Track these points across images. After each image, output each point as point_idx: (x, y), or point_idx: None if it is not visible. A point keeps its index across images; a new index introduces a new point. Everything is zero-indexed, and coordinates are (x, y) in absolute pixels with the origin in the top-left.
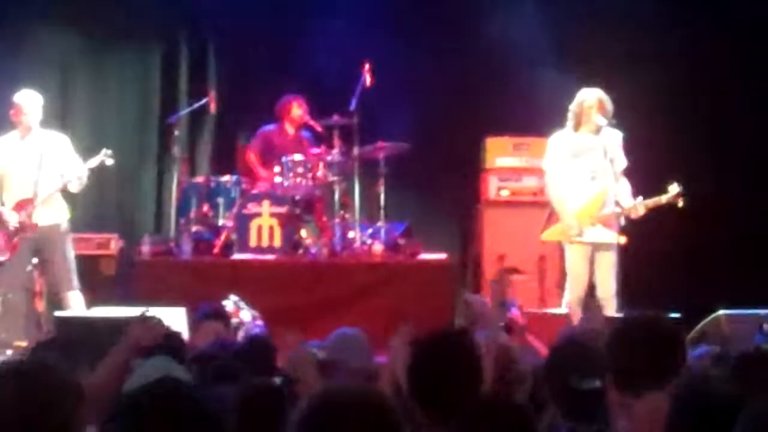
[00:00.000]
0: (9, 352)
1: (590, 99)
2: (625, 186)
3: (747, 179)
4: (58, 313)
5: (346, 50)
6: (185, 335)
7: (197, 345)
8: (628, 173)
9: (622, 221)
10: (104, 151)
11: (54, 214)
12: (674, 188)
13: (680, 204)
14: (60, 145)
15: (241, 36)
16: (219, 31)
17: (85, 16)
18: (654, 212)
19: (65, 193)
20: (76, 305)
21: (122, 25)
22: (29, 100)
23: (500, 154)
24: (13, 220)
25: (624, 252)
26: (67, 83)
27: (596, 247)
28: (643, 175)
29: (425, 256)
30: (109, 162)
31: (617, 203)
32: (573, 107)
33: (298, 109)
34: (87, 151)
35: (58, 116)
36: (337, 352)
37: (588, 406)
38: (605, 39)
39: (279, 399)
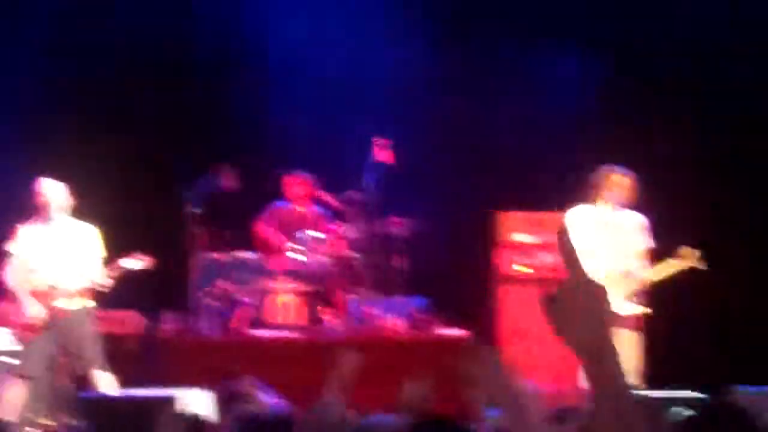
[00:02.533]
0: (31, 430)
1: (609, 177)
2: (644, 264)
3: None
4: (82, 395)
5: (361, 127)
6: (213, 417)
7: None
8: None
9: (640, 296)
10: (144, 257)
11: (77, 298)
12: (685, 252)
13: (699, 265)
14: (86, 235)
15: (256, 112)
16: (233, 105)
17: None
18: (673, 281)
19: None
20: (105, 385)
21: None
22: (47, 187)
23: (513, 229)
24: (34, 312)
25: (647, 327)
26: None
27: (619, 325)
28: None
29: (444, 330)
30: (148, 267)
31: (633, 277)
32: (592, 183)
33: (294, 188)
34: (111, 231)
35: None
36: None
37: None
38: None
39: None
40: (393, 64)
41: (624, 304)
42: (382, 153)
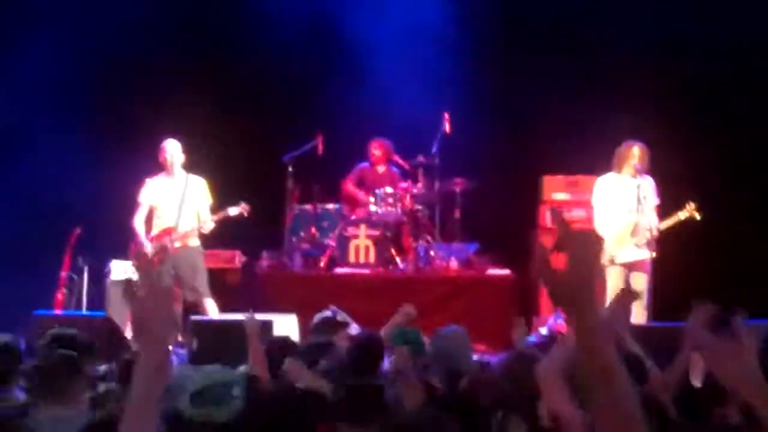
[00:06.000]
0: None
1: (630, 150)
2: (654, 218)
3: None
4: (193, 318)
5: (428, 101)
6: (296, 338)
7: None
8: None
9: (653, 245)
10: (243, 204)
11: (190, 239)
12: (689, 206)
13: (698, 217)
14: (198, 186)
15: (343, 90)
16: (323, 87)
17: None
18: (678, 230)
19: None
20: (211, 311)
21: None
22: (170, 146)
23: (554, 189)
24: (149, 249)
25: (655, 272)
26: (208, 134)
27: (631, 268)
28: (670, 200)
29: (493, 271)
30: (245, 214)
31: (645, 228)
32: (617, 155)
33: (376, 151)
34: (221, 186)
35: (202, 159)
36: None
37: None
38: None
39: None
40: (459, 49)
41: (636, 250)
42: (447, 124)
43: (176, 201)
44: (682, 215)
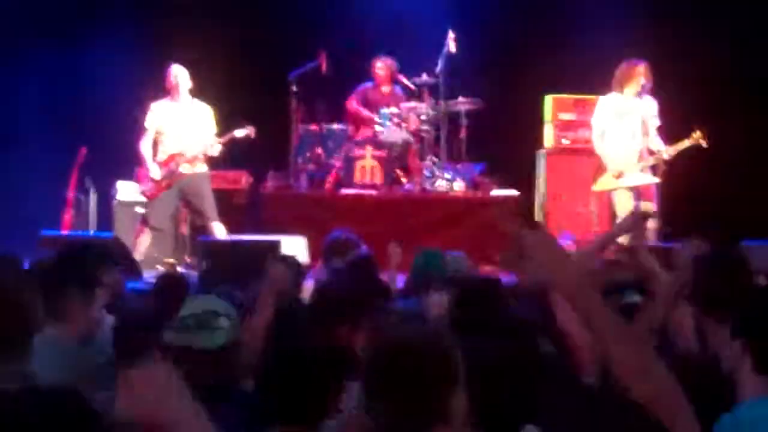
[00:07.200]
0: (159, 267)
1: (636, 68)
2: (658, 140)
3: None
4: (201, 238)
5: (433, 19)
6: (305, 260)
7: None
8: (663, 128)
9: (659, 171)
10: (250, 128)
11: (197, 164)
12: (696, 133)
13: (704, 144)
14: (203, 112)
15: (346, 6)
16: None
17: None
18: (684, 155)
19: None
20: (218, 232)
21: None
22: (177, 71)
23: (560, 109)
24: (156, 175)
25: (661, 195)
26: (211, 55)
27: (638, 196)
28: (676, 127)
29: (498, 192)
30: (252, 136)
31: (650, 152)
32: (619, 73)
33: (380, 71)
34: (226, 107)
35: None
36: None
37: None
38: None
39: None
40: None
41: (642, 175)
42: (452, 43)
43: (182, 126)
44: (687, 142)
